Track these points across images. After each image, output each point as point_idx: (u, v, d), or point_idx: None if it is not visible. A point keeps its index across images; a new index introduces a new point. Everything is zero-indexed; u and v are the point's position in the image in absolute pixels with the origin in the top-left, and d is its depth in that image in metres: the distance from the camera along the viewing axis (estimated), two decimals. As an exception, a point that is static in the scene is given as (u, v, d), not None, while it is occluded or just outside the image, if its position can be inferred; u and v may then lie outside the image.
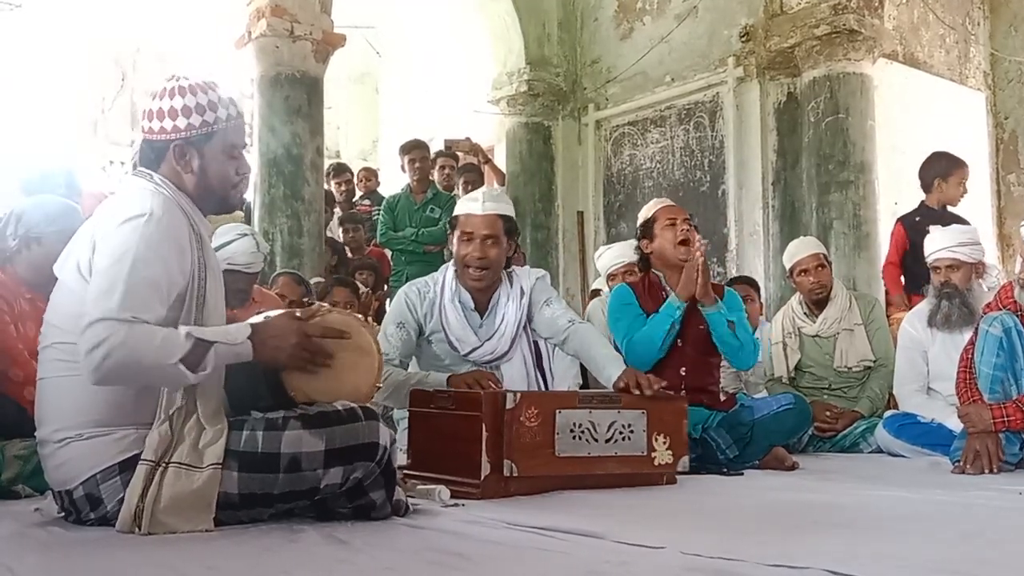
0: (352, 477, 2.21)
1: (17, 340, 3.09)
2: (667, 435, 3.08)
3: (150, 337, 2.04)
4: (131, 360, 2.02)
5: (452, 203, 6.83)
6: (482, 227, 3.41)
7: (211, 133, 2.33)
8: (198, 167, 2.33)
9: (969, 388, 3.63)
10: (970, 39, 7.99)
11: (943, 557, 1.87)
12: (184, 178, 2.33)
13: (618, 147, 8.29)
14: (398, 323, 3.45)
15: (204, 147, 2.33)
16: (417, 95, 10.43)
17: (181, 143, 2.31)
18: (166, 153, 2.32)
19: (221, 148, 2.35)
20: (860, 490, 3.03)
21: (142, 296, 2.08)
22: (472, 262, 3.41)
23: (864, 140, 6.52)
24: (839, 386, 4.83)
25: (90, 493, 2.16)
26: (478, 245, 3.40)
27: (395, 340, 3.41)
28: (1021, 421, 3.46)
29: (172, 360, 2.04)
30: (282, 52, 6.70)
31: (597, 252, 5.79)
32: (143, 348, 2.03)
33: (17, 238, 3.24)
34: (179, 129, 2.30)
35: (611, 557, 1.89)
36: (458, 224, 3.48)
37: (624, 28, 8.25)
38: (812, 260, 4.85)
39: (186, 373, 2.06)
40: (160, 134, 2.32)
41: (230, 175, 2.40)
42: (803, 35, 6.65)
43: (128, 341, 2.01)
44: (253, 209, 6.86)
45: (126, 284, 2.06)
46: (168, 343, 2.05)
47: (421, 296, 3.49)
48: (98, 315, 2.03)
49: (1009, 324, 3.53)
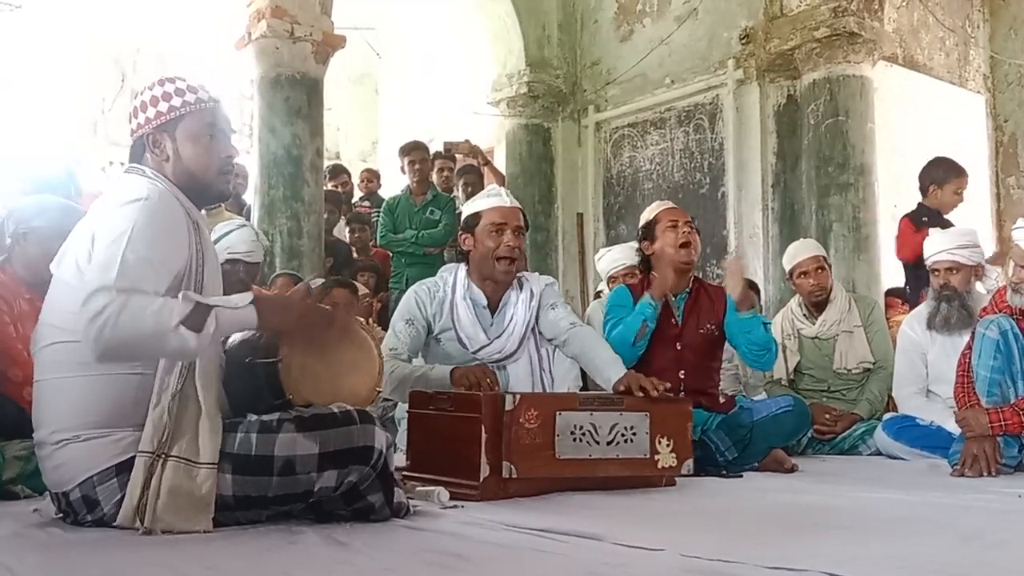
0: (347, 481, 2.21)
1: (16, 340, 3.09)
2: (671, 438, 3.08)
3: (148, 304, 2.04)
4: (131, 327, 2.02)
5: (452, 205, 6.82)
6: (513, 218, 3.46)
7: (180, 117, 2.37)
8: (172, 151, 2.37)
9: (967, 392, 3.63)
10: (970, 42, 8.00)
11: (942, 560, 1.87)
12: (164, 167, 2.37)
13: (618, 149, 8.29)
14: (407, 320, 3.47)
15: (175, 131, 2.37)
16: (417, 96, 10.43)
17: (153, 132, 2.36)
18: (144, 147, 2.37)
19: (194, 130, 2.38)
20: (859, 492, 3.04)
21: (140, 270, 2.09)
22: (506, 252, 3.43)
23: (864, 143, 6.52)
24: (838, 388, 4.83)
25: (87, 495, 2.16)
26: (511, 235, 3.44)
27: (404, 336, 3.43)
28: (1018, 425, 3.46)
29: (172, 323, 2.03)
30: (282, 53, 6.70)
31: (598, 254, 5.79)
32: (142, 315, 2.02)
33: (11, 236, 3.24)
34: (150, 120, 2.36)
35: (610, 559, 1.89)
36: (483, 217, 3.48)
37: (624, 30, 8.25)
38: (812, 262, 4.85)
39: (187, 337, 2.04)
40: (138, 129, 2.38)
41: (209, 158, 2.41)
42: (803, 37, 6.64)
43: (126, 309, 2.01)
44: (253, 210, 6.86)
45: (123, 259, 2.08)
46: (167, 308, 2.05)
47: (431, 295, 3.51)
48: (97, 286, 2.04)
49: (1006, 327, 3.54)
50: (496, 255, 3.44)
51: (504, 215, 3.46)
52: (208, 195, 2.48)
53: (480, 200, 3.57)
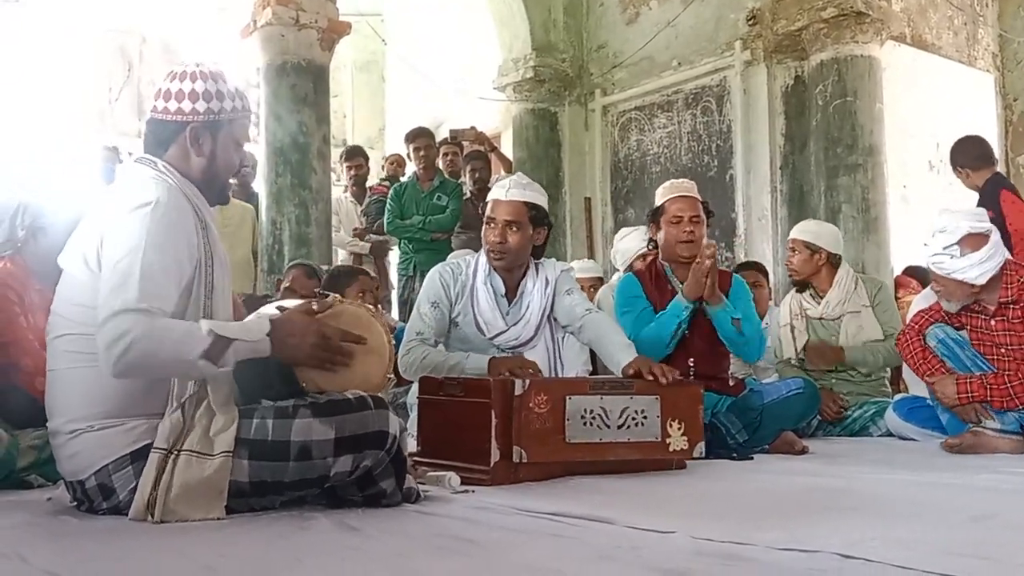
0: (362, 465, 2.22)
1: (27, 331, 3.10)
2: (682, 421, 3.08)
3: (170, 331, 2.06)
4: (151, 353, 2.04)
5: (459, 190, 6.81)
6: (504, 213, 3.46)
7: (226, 121, 2.36)
8: (209, 152, 2.35)
9: (926, 361, 3.90)
10: (978, 20, 7.95)
11: (954, 540, 1.87)
12: (193, 162, 2.34)
13: (625, 132, 8.27)
14: (432, 302, 3.49)
15: (218, 133, 2.36)
16: (423, 82, 10.41)
17: (197, 126, 2.32)
18: (178, 135, 2.33)
19: (232, 137, 2.39)
20: (870, 474, 3.03)
21: (158, 285, 2.09)
22: (490, 246, 3.47)
23: (872, 123, 6.49)
24: (845, 368, 4.82)
25: (102, 483, 2.17)
26: (498, 230, 3.44)
27: (429, 319, 3.45)
28: (984, 395, 3.71)
29: (193, 355, 2.05)
30: (288, 41, 6.69)
31: (620, 233, 5.68)
32: (164, 342, 2.04)
33: (24, 229, 3.25)
34: (197, 112, 2.32)
35: (622, 542, 1.89)
36: (486, 209, 3.55)
37: (630, 13, 8.22)
38: (788, 243, 4.94)
39: (207, 368, 2.07)
40: (176, 115, 2.32)
41: (235, 165, 2.46)
42: (810, 18, 6.61)
43: (150, 334, 2.03)
44: (260, 198, 6.87)
45: (141, 274, 2.07)
46: (189, 337, 2.06)
47: (454, 276, 3.54)
48: (118, 307, 2.04)
49: (940, 335, 3.90)
50: (488, 248, 3.49)
51: (495, 209, 3.48)
52: (221, 197, 2.51)
53: (492, 191, 3.61)
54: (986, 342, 3.81)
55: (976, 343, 3.84)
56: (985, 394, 3.70)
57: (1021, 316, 3.70)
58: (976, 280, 3.65)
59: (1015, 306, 3.71)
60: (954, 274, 3.67)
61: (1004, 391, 3.67)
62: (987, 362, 3.81)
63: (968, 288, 3.70)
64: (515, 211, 3.46)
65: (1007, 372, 3.71)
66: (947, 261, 3.67)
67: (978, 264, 3.62)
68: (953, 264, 3.66)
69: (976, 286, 3.68)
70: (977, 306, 3.80)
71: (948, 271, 3.68)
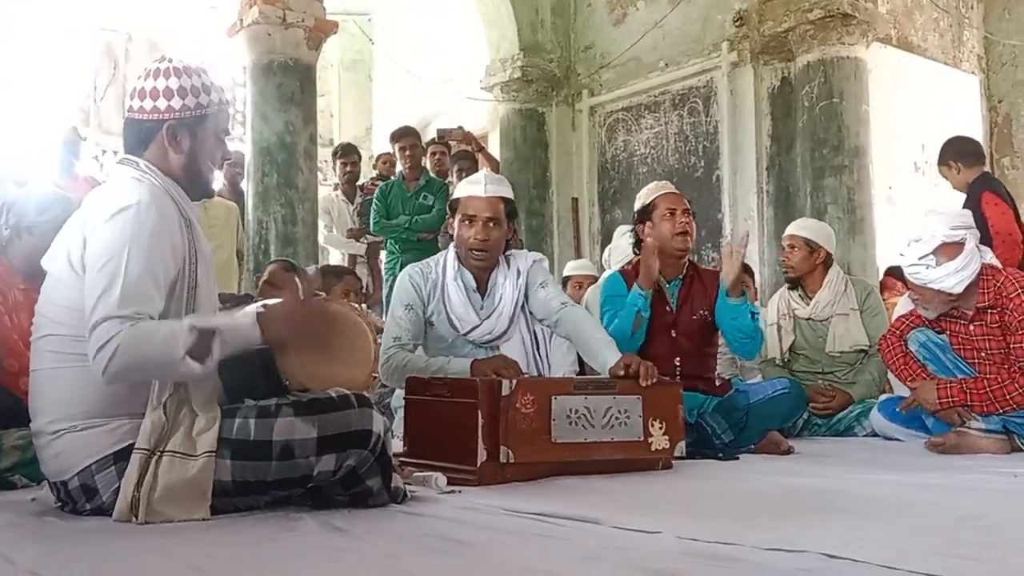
0: (345, 465, 2.21)
1: (11, 330, 3.08)
2: (663, 420, 3.09)
3: (153, 333, 2.06)
4: (138, 357, 2.04)
5: (445, 190, 6.80)
6: (484, 209, 3.40)
7: (204, 116, 2.34)
8: (189, 148, 2.34)
9: (908, 366, 3.91)
10: (964, 22, 7.99)
11: (940, 540, 1.88)
12: (172, 160, 2.33)
13: (612, 133, 8.28)
14: (406, 305, 3.43)
15: (197, 129, 2.34)
16: (410, 82, 10.39)
17: (174, 123, 2.31)
18: (156, 134, 2.31)
19: (213, 131, 2.37)
20: (856, 474, 3.04)
21: (141, 289, 2.09)
22: (474, 245, 3.40)
23: (858, 124, 6.52)
24: (831, 370, 4.83)
25: (85, 484, 2.16)
26: (480, 228, 3.39)
27: (405, 323, 3.40)
28: (964, 400, 3.71)
29: (178, 354, 2.05)
30: (274, 40, 6.68)
31: (620, 230, 5.62)
32: (148, 345, 2.04)
33: (9, 228, 3.23)
34: (173, 109, 2.30)
35: (609, 543, 1.89)
36: (459, 207, 3.47)
37: (617, 13, 8.23)
38: (787, 240, 4.93)
39: (193, 365, 2.07)
40: (152, 113, 2.31)
41: (217, 159, 2.43)
42: (797, 19, 6.64)
43: (132, 339, 2.03)
44: (247, 198, 6.85)
45: (124, 280, 2.07)
46: (172, 338, 2.06)
47: (424, 277, 3.48)
48: (102, 315, 2.04)
49: (922, 339, 3.91)
50: (467, 246, 3.42)
51: (475, 207, 3.41)
52: (206, 191, 2.49)
53: (461, 186, 3.56)
54: (966, 347, 3.83)
55: (956, 348, 3.85)
56: (965, 398, 3.70)
57: (999, 320, 3.71)
58: (953, 289, 3.65)
59: (992, 311, 3.72)
60: (931, 284, 3.68)
61: (984, 395, 3.67)
62: (969, 366, 3.81)
63: (945, 296, 3.71)
64: (494, 207, 3.41)
65: (987, 376, 3.72)
66: (923, 271, 3.67)
67: (954, 273, 3.62)
68: (929, 274, 3.66)
69: (953, 294, 3.69)
70: (955, 312, 3.81)
71: (925, 281, 3.69)
